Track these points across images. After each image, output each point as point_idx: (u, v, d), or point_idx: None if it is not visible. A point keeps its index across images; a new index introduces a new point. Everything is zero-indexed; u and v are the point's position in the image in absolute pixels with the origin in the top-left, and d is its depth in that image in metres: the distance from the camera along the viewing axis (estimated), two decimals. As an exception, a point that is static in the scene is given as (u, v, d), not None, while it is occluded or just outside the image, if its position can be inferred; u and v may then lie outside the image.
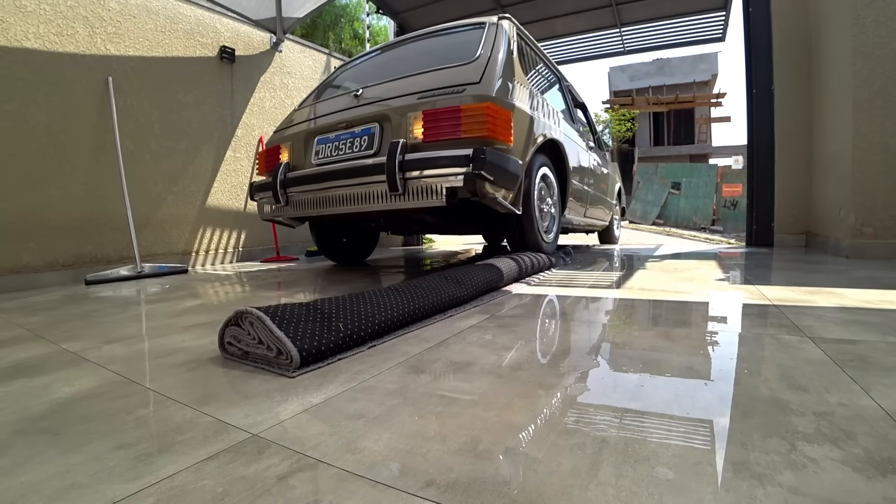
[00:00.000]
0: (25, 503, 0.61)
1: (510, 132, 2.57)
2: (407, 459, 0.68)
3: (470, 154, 2.31)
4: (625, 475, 0.62)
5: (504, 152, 2.51)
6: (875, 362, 1.03)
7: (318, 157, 3.03)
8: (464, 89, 2.51)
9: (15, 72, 3.27)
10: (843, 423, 0.75)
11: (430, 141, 2.50)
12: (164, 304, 2.27)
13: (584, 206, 4.37)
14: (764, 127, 4.67)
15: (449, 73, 2.68)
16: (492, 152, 2.35)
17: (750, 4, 4.76)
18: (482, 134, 2.38)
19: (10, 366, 1.27)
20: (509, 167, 2.52)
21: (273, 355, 1.13)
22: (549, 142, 3.25)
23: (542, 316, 1.66)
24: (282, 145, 3.33)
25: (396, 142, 2.51)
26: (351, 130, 2.89)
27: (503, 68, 2.71)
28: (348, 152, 2.86)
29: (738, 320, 1.54)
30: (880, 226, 3.24)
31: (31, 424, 0.86)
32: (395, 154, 2.46)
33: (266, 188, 3.23)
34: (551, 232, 3.36)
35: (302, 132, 3.19)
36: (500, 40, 2.85)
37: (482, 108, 2.39)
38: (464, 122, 2.41)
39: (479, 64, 2.65)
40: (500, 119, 2.47)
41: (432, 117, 2.50)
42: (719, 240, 7.53)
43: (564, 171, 3.57)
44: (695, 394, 0.89)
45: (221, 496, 0.61)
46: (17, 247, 3.25)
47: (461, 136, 2.41)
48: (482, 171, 2.28)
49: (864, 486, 0.57)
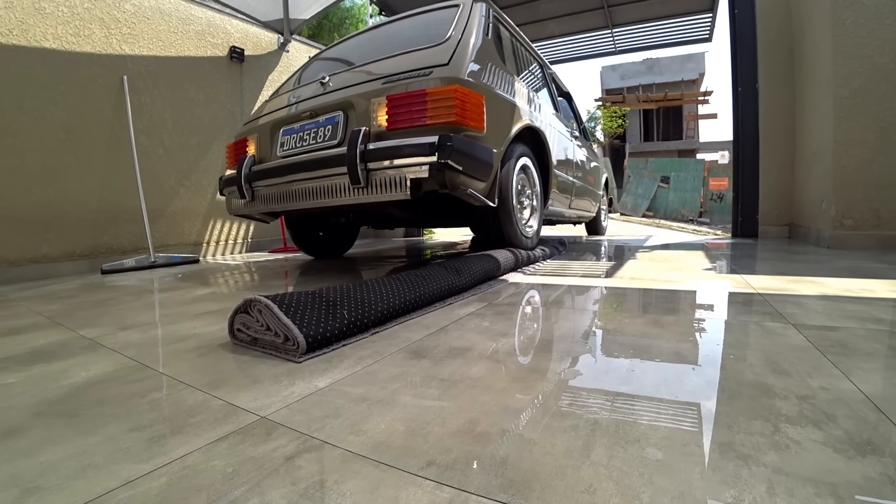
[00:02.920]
0: (45, 482, 0.61)
1: (482, 118, 2.29)
2: (408, 441, 0.68)
3: (435, 142, 2.02)
4: (616, 456, 0.62)
5: (476, 140, 2.24)
6: (855, 348, 1.02)
7: (283, 149, 2.72)
8: (431, 72, 2.22)
9: (34, 71, 3.25)
10: (824, 406, 0.74)
11: (394, 129, 2.21)
12: (177, 292, 2.27)
13: (569, 197, 4.06)
14: (749, 123, 4.66)
15: (417, 56, 2.39)
16: (461, 139, 2.09)
17: (736, 6, 4.74)
18: (450, 119, 2.10)
19: (29, 351, 1.27)
20: (481, 156, 2.25)
21: (280, 341, 1.12)
22: (528, 129, 2.97)
23: (537, 304, 1.66)
24: (248, 137, 3.00)
25: (358, 130, 2.21)
26: (315, 120, 2.58)
27: (476, 50, 2.42)
28: (312, 143, 2.55)
29: (725, 308, 1.53)
30: (860, 217, 3.24)
31: (50, 407, 0.86)
32: (356, 143, 2.17)
33: (231, 183, 2.94)
34: (532, 226, 3.09)
35: (268, 123, 2.86)
36: (473, 21, 2.56)
37: (450, 92, 2.10)
38: (430, 107, 2.12)
39: (450, 45, 2.36)
40: (471, 103, 2.19)
41: (397, 103, 2.20)
42: (706, 231, 7.51)
43: (546, 161, 3.29)
44: (683, 378, 0.88)
45: (231, 476, 0.61)
46: (36, 238, 3.25)
47: (427, 122, 2.13)
48: (449, 160, 2.01)
49: (844, 467, 0.57)
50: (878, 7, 3.18)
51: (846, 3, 3.25)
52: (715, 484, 0.55)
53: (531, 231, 3.02)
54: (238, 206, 2.99)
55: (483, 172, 2.29)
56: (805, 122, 4.08)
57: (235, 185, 2.86)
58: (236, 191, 2.88)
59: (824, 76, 3.47)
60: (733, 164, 4.93)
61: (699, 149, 27.00)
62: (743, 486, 0.54)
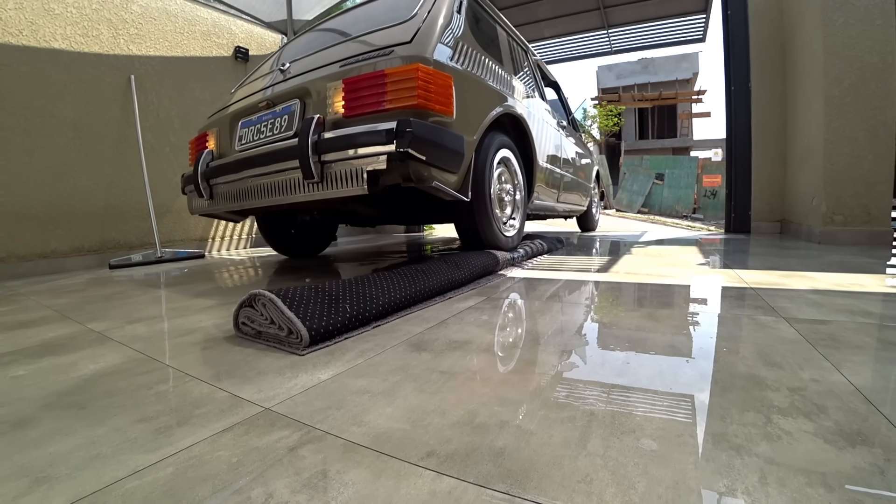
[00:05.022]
0: (54, 472, 0.61)
1: (451, 101, 1.99)
2: (409, 431, 0.68)
3: (393, 128, 1.75)
4: (612, 446, 0.62)
5: (443, 126, 1.95)
6: (845, 341, 1.02)
7: (241, 142, 2.41)
8: (392, 51, 1.94)
9: (44, 70, 3.23)
10: (815, 397, 0.74)
11: (351, 115, 1.93)
12: (183, 286, 2.27)
13: (557, 190, 3.76)
14: (742, 122, 4.66)
15: (380, 36, 2.11)
16: (423, 125, 1.80)
17: (728, 7, 4.74)
18: (411, 103, 1.82)
19: (38, 344, 1.27)
20: (450, 144, 1.97)
21: (284, 334, 1.12)
22: (509, 118, 2.69)
23: (535, 298, 1.65)
24: (209, 132, 2.69)
25: (310, 119, 1.93)
26: (273, 110, 2.28)
27: (445, 28, 2.14)
28: (269, 135, 2.26)
29: (718, 302, 1.53)
30: (850, 214, 3.24)
31: (59, 399, 0.86)
32: (308, 133, 1.89)
33: (191, 181, 2.63)
34: (514, 224, 2.77)
35: (227, 115, 2.56)
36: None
37: (411, 71, 1.82)
38: (390, 89, 1.85)
39: (415, 23, 2.08)
40: (436, 84, 1.90)
41: (354, 87, 1.92)
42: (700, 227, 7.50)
43: (531, 152, 2.99)
44: (677, 370, 0.88)
45: (236, 466, 0.60)
46: (45, 233, 3.24)
47: (387, 107, 1.85)
48: (409, 148, 1.73)
49: (834, 457, 0.57)
50: (867, 8, 3.17)
51: (837, 4, 3.24)
52: (708, 474, 0.55)
53: (513, 230, 2.73)
54: (199, 205, 2.69)
55: (452, 163, 2.02)
56: (796, 121, 4.07)
57: (192, 183, 2.59)
58: (193, 189, 2.61)
59: (815, 75, 3.46)
60: (726, 162, 4.93)
61: (693, 146, 26.99)
62: (736, 476, 0.54)
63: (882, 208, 3.18)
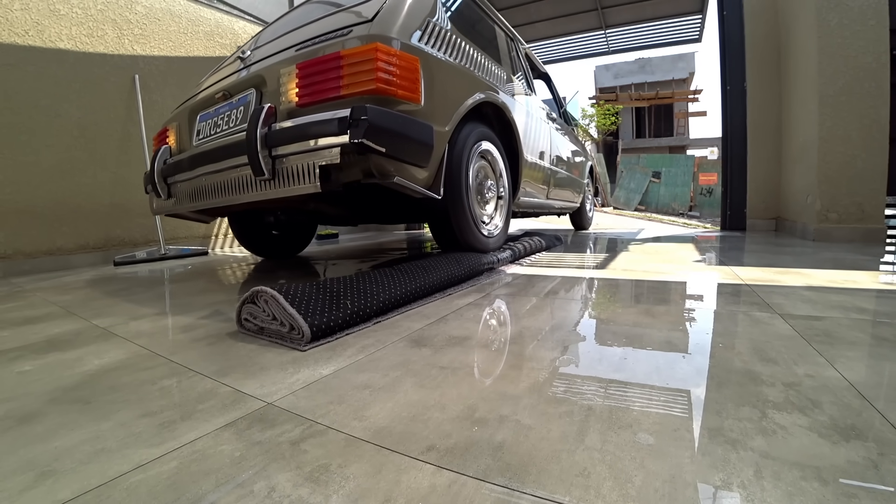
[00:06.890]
0: (60, 466, 0.61)
1: (418, 87, 1.75)
2: (409, 426, 0.68)
3: (347, 116, 1.51)
4: (609, 441, 0.62)
5: (409, 114, 1.71)
6: (839, 337, 1.02)
7: (199, 137, 2.17)
8: (350, 31, 1.71)
9: (49, 70, 3.22)
10: (809, 392, 0.74)
11: (305, 104, 1.69)
12: (186, 283, 2.27)
13: (547, 186, 3.52)
14: (737, 121, 4.65)
15: (341, 16, 1.90)
16: (381, 112, 1.55)
17: (724, 8, 4.73)
18: (369, 88, 1.57)
19: (44, 340, 1.27)
20: (416, 134, 1.72)
21: (286, 331, 1.12)
22: (491, 107, 2.43)
23: (533, 294, 1.65)
24: (169, 127, 2.44)
25: (259, 108, 1.70)
26: (229, 102, 2.04)
27: (413, 6, 1.89)
28: (225, 129, 2.01)
29: (714, 298, 1.53)
30: (844, 211, 3.24)
31: (64, 394, 0.86)
32: (257, 125, 1.66)
33: (149, 179, 2.38)
34: (497, 223, 2.51)
35: (186, 109, 2.32)
36: None
37: (368, 52, 1.58)
38: (346, 73, 1.60)
39: (378, 1, 1.84)
40: (399, 67, 1.66)
41: (307, 72, 1.69)
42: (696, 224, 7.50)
43: (516, 145, 2.74)
44: (674, 366, 0.88)
45: (239, 460, 0.60)
46: (51, 231, 3.24)
47: (342, 93, 1.61)
48: (365, 139, 1.48)
49: (829, 451, 0.57)
50: (861, 9, 3.16)
51: (831, 4, 3.24)
52: (704, 468, 0.55)
53: (496, 230, 2.47)
54: (161, 205, 2.41)
55: (420, 156, 1.78)
56: (791, 120, 4.06)
57: (150, 182, 2.36)
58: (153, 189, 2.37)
59: (810, 75, 3.45)
60: (722, 160, 4.92)
61: (689, 145, 26.96)
62: (731, 470, 0.54)
63: (876, 206, 3.18)
